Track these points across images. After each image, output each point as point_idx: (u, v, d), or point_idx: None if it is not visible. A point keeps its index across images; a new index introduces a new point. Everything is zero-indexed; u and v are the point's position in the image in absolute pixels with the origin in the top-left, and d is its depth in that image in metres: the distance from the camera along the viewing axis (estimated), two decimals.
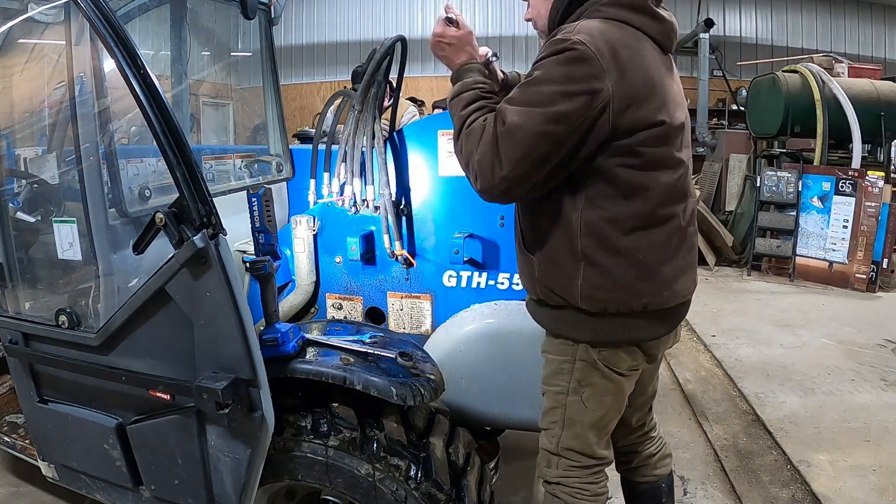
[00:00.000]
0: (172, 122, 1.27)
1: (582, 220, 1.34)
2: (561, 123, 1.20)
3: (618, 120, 1.23)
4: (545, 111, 1.20)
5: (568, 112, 1.20)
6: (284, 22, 7.85)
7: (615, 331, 1.42)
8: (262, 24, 2.42)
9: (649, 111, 1.27)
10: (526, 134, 1.22)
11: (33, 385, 1.72)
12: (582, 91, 1.19)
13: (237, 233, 2.02)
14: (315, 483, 1.58)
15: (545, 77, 1.23)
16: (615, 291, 1.36)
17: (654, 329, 1.46)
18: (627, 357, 1.47)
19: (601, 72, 1.20)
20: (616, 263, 1.34)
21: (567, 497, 1.57)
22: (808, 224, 5.83)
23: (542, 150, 1.23)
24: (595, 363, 1.47)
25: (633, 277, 1.35)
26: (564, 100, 1.20)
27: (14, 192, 1.82)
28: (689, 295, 1.48)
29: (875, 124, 5.99)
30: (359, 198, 1.90)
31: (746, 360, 3.85)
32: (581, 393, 1.50)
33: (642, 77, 1.26)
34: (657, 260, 1.36)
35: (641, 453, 1.80)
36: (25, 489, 2.44)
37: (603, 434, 1.58)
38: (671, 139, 1.34)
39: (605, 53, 1.21)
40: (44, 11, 1.61)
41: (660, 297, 1.39)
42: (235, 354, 1.37)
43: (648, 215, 1.33)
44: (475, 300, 1.91)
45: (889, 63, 9.43)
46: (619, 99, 1.22)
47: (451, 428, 1.73)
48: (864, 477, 2.57)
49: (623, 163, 1.29)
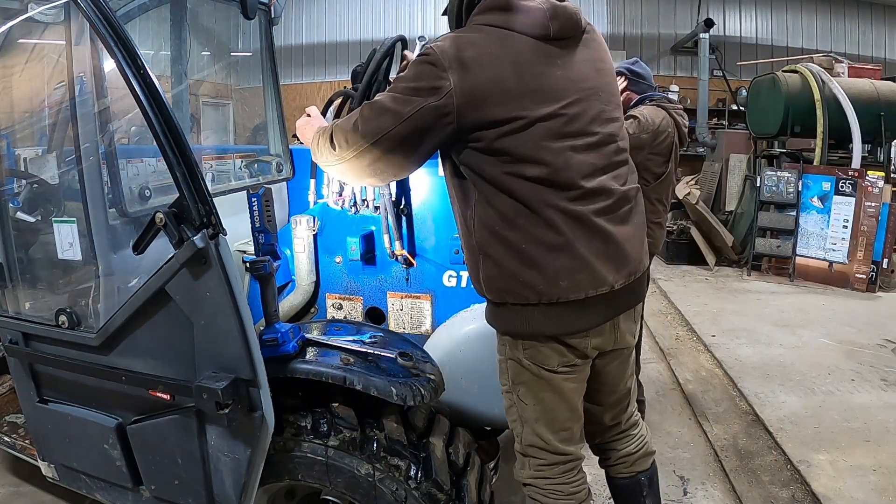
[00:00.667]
0: (172, 122, 1.27)
1: (475, 216, 1.43)
2: (406, 106, 1.34)
3: (465, 114, 1.33)
4: (395, 96, 1.37)
5: (412, 99, 1.34)
6: (284, 22, 7.85)
7: (519, 322, 1.45)
8: (262, 24, 2.42)
9: (496, 108, 1.33)
10: (380, 108, 1.37)
11: (33, 385, 1.72)
12: (426, 85, 1.34)
13: (237, 233, 2.02)
14: (315, 483, 1.58)
15: (403, 76, 1.41)
16: (507, 281, 1.41)
17: (565, 322, 1.43)
18: (553, 353, 1.48)
19: (444, 69, 1.32)
20: (504, 254, 1.40)
21: (541, 497, 1.59)
22: (808, 224, 5.83)
23: (389, 125, 1.35)
24: (520, 361, 1.51)
25: (516, 268, 1.39)
26: (412, 91, 1.35)
27: (14, 192, 1.82)
28: (602, 287, 1.41)
29: (875, 124, 5.99)
30: (359, 198, 1.90)
31: (746, 360, 3.85)
32: (517, 391, 1.55)
33: (488, 75, 1.33)
34: (542, 251, 1.37)
35: (619, 451, 1.79)
36: (25, 489, 2.44)
37: (556, 429, 1.57)
38: (533, 131, 1.34)
39: (449, 54, 1.33)
40: (44, 11, 1.61)
41: (555, 287, 1.38)
42: (235, 354, 1.37)
43: (520, 208, 1.37)
44: (475, 300, 1.91)
45: (889, 63, 9.43)
46: (462, 93, 1.32)
47: (451, 428, 1.73)
48: (864, 477, 2.57)
49: (488, 161, 1.37)
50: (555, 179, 1.36)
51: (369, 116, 1.38)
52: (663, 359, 4.02)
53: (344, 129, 1.43)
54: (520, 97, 1.34)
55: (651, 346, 4.20)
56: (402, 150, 1.39)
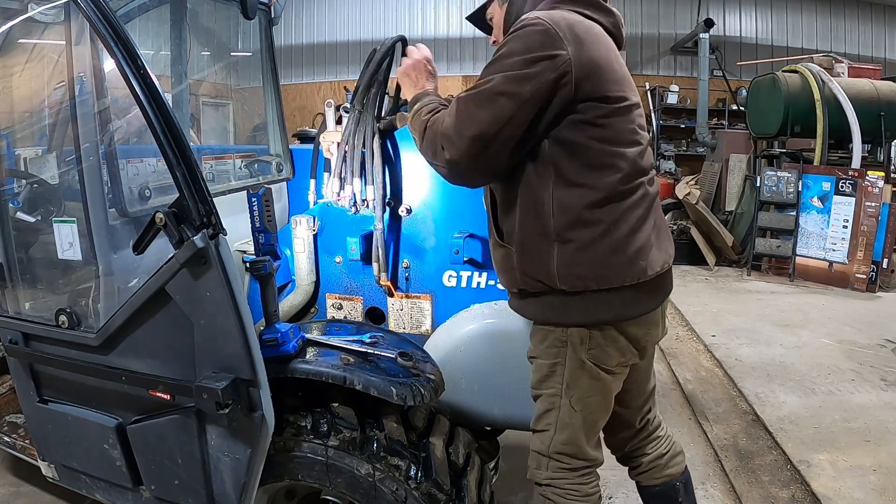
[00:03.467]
0: (172, 122, 1.27)
1: (554, 200, 1.36)
2: (524, 84, 1.26)
3: (581, 84, 1.29)
4: (508, 74, 1.27)
5: (530, 74, 1.26)
6: (284, 22, 7.86)
7: (600, 309, 1.42)
8: (262, 24, 2.42)
9: (612, 83, 1.34)
10: (491, 94, 1.27)
11: (33, 385, 1.72)
12: (542, 56, 1.26)
13: (237, 233, 2.02)
14: (315, 483, 1.58)
15: (507, 51, 1.30)
16: (591, 266, 1.37)
17: (639, 304, 1.45)
18: (616, 353, 1.47)
19: (559, 39, 1.27)
20: (588, 237, 1.36)
21: (557, 498, 1.57)
22: (808, 224, 5.83)
23: (507, 111, 1.27)
24: (583, 364, 1.47)
25: (605, 250, 1.37)
26: (526, 65, 1.26)
27: (14, 192, 1.82)
28: (666, 264, 1.48)
29: (875, 124, 5.99)
30: (359, 198, 1.90)
31: (746, 360, 3.85)
32: (570, 396, 1.51)
33: (600, 53, 1.32)
34: (627, 231, 1.38)
35: (650, 454, 1.78)
36: (25, 489, 2.44)
37: (592, 435, 1.57)
38: (631, 116, 1.40)
39: (562, 26, 1.28)
40: (44, 11, 1.60)
41: (636, 267, 1.40)
42: (235, 354, 1.37)
43: (617, 188, 1.36)
44: (475, 300, 1.91)
45: (889, 63, 9.44)
46: (579, 65, 1.28)
47: (451, 428, 1.73)
48: (864, 477, 2.57)
49: (593, 135, 1.33)
50: (641, 163, 1.41)
51: (479, 106, 1.28)
52: (663, 359, 4.02)
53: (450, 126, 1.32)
54: (622, 79, 1.38)
55: None
56: (521, 138, 1.31)
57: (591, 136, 1.33)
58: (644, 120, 1.49)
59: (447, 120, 1.35)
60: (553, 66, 1.26)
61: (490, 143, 1.29)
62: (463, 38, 10.47)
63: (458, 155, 1.32)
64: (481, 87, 1.30)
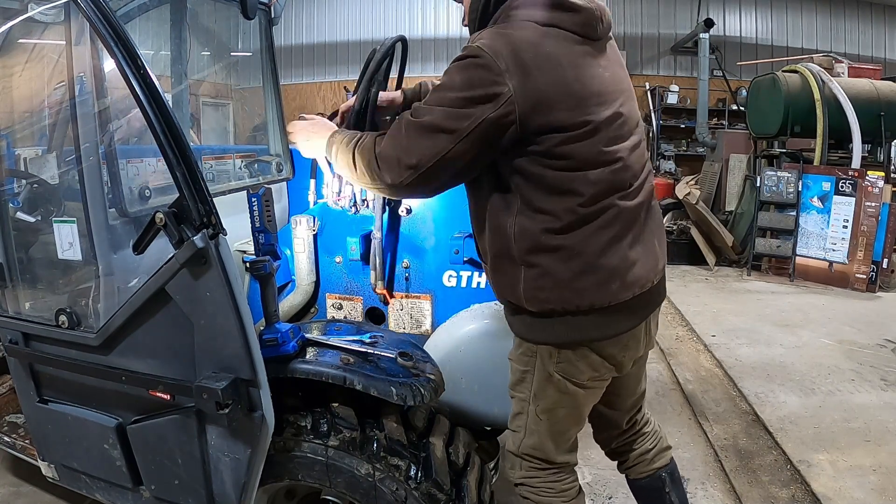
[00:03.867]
0: (172, 122, 1.27)
1: (516, 226, 1.34)
2: (462, 121, 1.23)
3: (528, 118, 1.24)
4: (447, 111, 1.25)
5: (469, 113, 1.23)
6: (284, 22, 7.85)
7: (567, 331, 1.39)
8: (262, 24, 2.42)
9: (564, 113, 1.26)
10: (431, 127, 1.26)
11: (33, 385, 1.72)
12: (481, 96, 1.22)
13: (237, 233, 2.02)
14: (315, 483, 1.58)
15: (448, 84, 1.28)
16: (555, 290, 1.35)
17: (612, 325, 1.41)
18: (587, 368, 1.45)
19: (500, 73, 1.21)
20: (553, 262, 1.33)
21: (533, 496, 1.60)
22: (808, 224, 5.83)
23: (445, 146, 1.25)
24: (550, 377, 1.46)
25: (572, 274, 1.33)
26: (466, 102, 1.24)
27: (14, 192, 1.82)
28: (648, 283, 1.41)
29: (875, 124, 5.98)
30: (359, 198, 1.90)
31: (746, 360, 3.85)
32: (536, 405, 1.52)
33: (552, 78, 1.24)
34: (597, 253, 1.33)
35: (636, 450, 1.80)
36: (25, 489, 2.44)
37: (562, 442, 1.58)
38: (597, 136, 1.30)
39: (504, 56, 1.22)
40: (44, 11, 1.60)
41: (607, 290, 1.35)
42: (235, 354, 1.37)
43: (580, 212, 1.31)
44: (475, 300, 1.91)
45: (889, 63, 9.44)
46: (524, 99, 1.22)
47: (451, 428, 1.73)
48: (864, 477, 2.57)
49: (549, 165, 1.29)
50: (613, 181, 1.33)
51: (420, 136, 1.27)
52: (663, 359, 4.02)
53: (390, 152, 1.31)
54: (585, 100, 1.28)
55: None
56: (463, 167, 1.30)
57: (546, 165, 1.29)
58: (629, 127, 1.39)
59: (386, 141, 1.33)
60: (493, 105, 1.22)
61: (429, 172, 1.29)
62: (463, 38, 10.45)
63: (398, 180, 1.31)
64: (422, 116, 1.28)
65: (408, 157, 1.29)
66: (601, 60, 1.36)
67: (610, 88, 1.35)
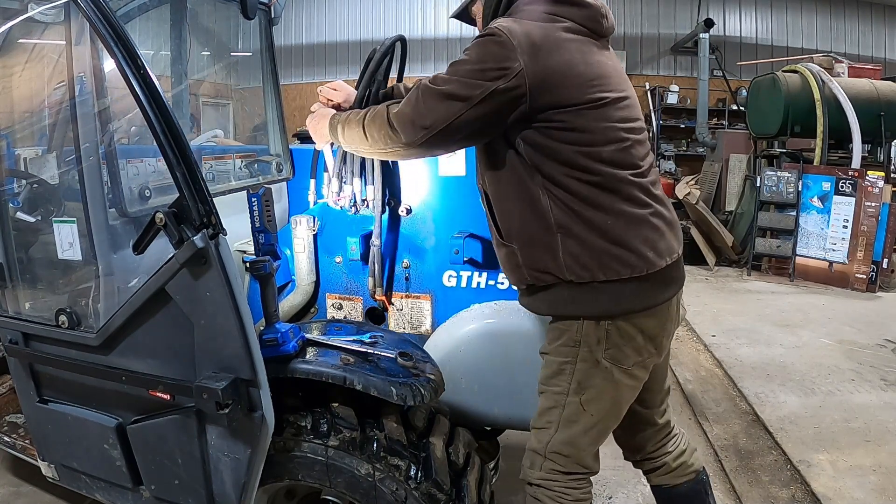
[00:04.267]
0: (172, 122, 1.27)
1: (548, 194, 1.41)
2: (474, 90, 1.33)
3: (537, 94, 1.32)
4: (461, 80, 1.35)
5: (481, 83, 1.32)
6: (284, 22, 7.85)
7: (610, 300, 1.42)
8: (262, 24, 2.42)
9: (572, 90, 1.34)
10: (445, 94, 1.35)
11: (33, 385, 1.72)
12: (494, 68, 1.32)
13: (237, 233, 2.02)
14: (315, 483, 1.58)
15: (466, 58, 1.37)
16: (595, 258, 1.40)
17: (650, 295, 1.45)
18: (633, 353, 1.46)
19: (512, 50, 1.31)
20: (588, 232, 1.39)
21: (546, 500, 1.56)
22: (808, 224, 5.83)
23: (456, 111, 1.34)
24: (598, 363, 1.46)
25: (608, 242, 1.39)
26: (478, 74, 1.33)
27: (14, 192, 1.82)
28: (674, 254, 1.48)
29: (875, 124, 5.99)
30: (359, 198, 1.90)
31: (746, 360, 3.85)
32: (581, 395, 1.49)
33: (561, 59, 1.34)
34: (623, 226, 1.40)
35: (673, 452, 1.76)
36: (25, 489, 2.44)
37: (597, 442, 1.56)
38: (606, 110, 1.38)
39: (518, 35, 1.32)
40: (44, 11, 1.60)
41: (643, 258, 1.40)
42: (235, 354, 1.37)
43: (603, 184, 1.38)
44: (475, 300, 1.91)
45: (889, 63, 9.44)
46: (533, 75, 1.31)
47: (451, 428, 1.73)
48: (864, 477, 2.57)
49: (563, 139, 1.36)
50: (625, 159, 1.40)
51: (435, 101, 1.36)
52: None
53: (407, 114, 1.40)
54: (592, 80, 1.37)
55: None
56: (473, 130, 1.39)
57: (561, 139, 1.36)
58: (637, 114, 1.49)
59: (403, 105, 1.42)
60: (505, 79, 1.31)
61: (441, 134, 1.37)
62: (463, 38, 10.47)
63: (412, 139, 1.40)
64: (439, 84, 1.37)
65: (422, 119, 1.37)
66: (606, 53, 1.47)
67: (617, 77, 1.45)
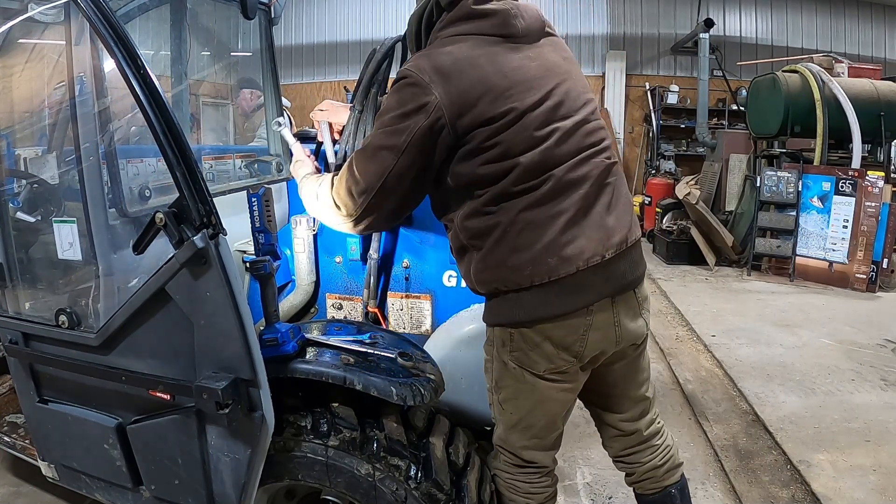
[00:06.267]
0: (172, 122, 1.27)
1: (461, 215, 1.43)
2: (399, 135, 1.34)
3: (458, 120, 1.33)
4: (385, 130, 1.37)
5: (404, 126, 1.34)
6: (284, 22, 7.85)
7: (513, 310, 1.43)
8: (262, 24, 2.43)
9: (486, 105, 1.33)
10: (373, 150, 1.37)
11: (33, 385, 1.72)
12: (413, 107, 1.33)
13: (237, 233, 2.02)
14: (315, 483, 1.58)
15: (385, 108, 1.40)
16: (496, 269, 1.40)
17: (556, 302, 1.38)
18: (541, 358, 1.44)
19: (425, 85, 1.33)
20: (491, 242, 1.40)
21: (502, 489, 1.66)
22: (808, 224, 5.83)
23: (388, 162, 1.35)
24: (506, 364, 1.50)
25: (507, 251, 1.38)
26: (401, 118, 1.35)
27: (14, 192, 1.82)
28: (595, 258, 1.37)
29: (875, 124, 5.98)
30: None
31: (746, 360, 3.85)
32: (498, 393, 1.56)
33: (471, 77, 1.33)
34: (528, 229, 1.36)
35: (644, 464, 1.73)
36: (25, 489, 2.44)
37: (528, 437, 1.58)
38: (525, 121, 1.36)
39: (427, 70, 1.34)
40: (44, 11, 1.61)
41: (543, 265, 1.35)
42: (235, 354, 1.37)
43: (511, 190, 1.37)
44: (475, 300, 1.91)
45: (889, 63, 9.43)
46: (450, 102, 1.32)
47: (451, 428, 1.73)
48: (864, 477, 2.57)
49: (483, 159, 1.36)
50: (546, 160, 1.37)
51: (366, 162, 1.38)
52: (663, 359, 4.02)
53: (343, 186, 1.42)
54: (507, 90, 1.35)
55: (651, 346, 4.19)
56: (412, 180, 1.39)
57: (482, 161, 1.36)
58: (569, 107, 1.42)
59: (339, 177, 1.45)
60: (425, 114, 1.32)
61: (380, 193, 1.38)
62: None
63: (353, 209, 1.42)
64: (366, 143, 1.40)
65: (358, 185, 1.40)
66: (528, 53, 1.43)
67: (538, 75, 1.41)
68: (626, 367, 1.62)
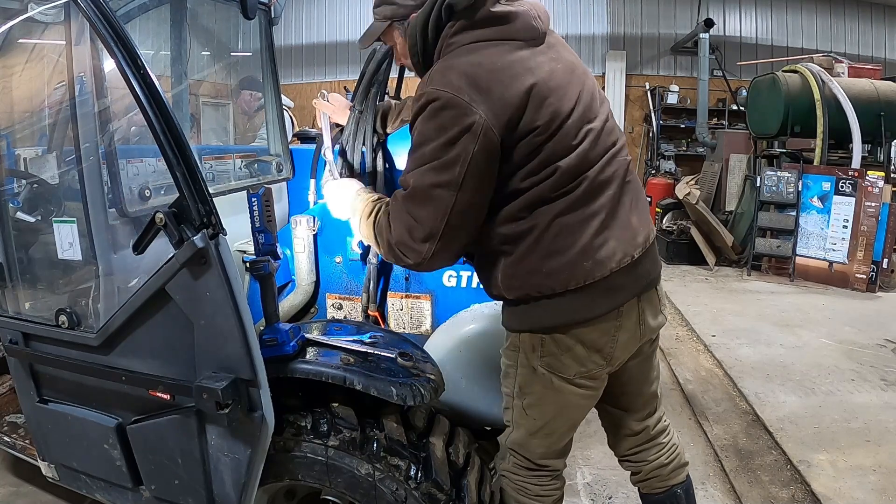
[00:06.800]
0: (172, 122, 1.27)
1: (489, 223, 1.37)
2: (452, 168, 1.23)
3: (506, 135, 1.25)
4: (433, 165, 1.25)
5: (455, 156, 1.23)
6: (284, 22, 7.85)
7: (546, 316, 1.39)
8: (262, 24, 2.42)
9: (532, 115, 1.27)
10: (427, 190, 1.26)
11: (33, 385, 1.72)
12: (457, 132, 1.22)
13: (237, 233, 2.02)
14: (315, 483, 1.58)
15: (421, 138, 1.28)
16: (529, 276, 1.36)
17: (590, 306, 1.38)
18: (573, 362, 1.43)
19: (464, 105, 1.22)
20: (523, 248, 1.35)
21: (511, 491, 1.64)
22: (808, 224, 5.83)
23: (447, 200, 1.25)
24: (535, 370, 1.46)
25: (541, 257, 1.34)
26: (447, 148, 1.23)
27: (14, 192, 1.82)
28: (626, 258, 1.37)
29: (875, 124, 5.98)
30: None
31: (746, 360, 3.85)
32: (522, 399, 1.52)
33: (516, 88, 1.26)
34: (563, 233, 1.33)
35: (651, 462, 1.73)
36: (25, 489, 2.43)
37: (547, 443, 1.57)
38: (565, 128, 1.32)
39: (462, 87, 1.23)
40: (44, 11, 1.60)
41: (579, 268, 1.33)
42: (235, 354, 1.37)
43: (546, 195, 1.32)
44: (475, 300, 1.91)
45: (889, 63, 9.42)
46: (495, 119, 1.23)
47: (451, 428, 1.73)
48: (864, 477, 2.57)
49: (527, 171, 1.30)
50: (580, 164, 1.33)
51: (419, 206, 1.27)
52: (663, 359, 4.02)
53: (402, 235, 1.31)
54: (546, 97, 1.29)
55: None
56: (476, 212, 1.31)
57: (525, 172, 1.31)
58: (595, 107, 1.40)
59: (393, 226, 1.34)
60: (472, 136, 1.22)
61: (447, 234, 1.29)
62: None
63: (420, 257, 1.32)
64: (412, 183, 1.28)
65: (418, 232, 1.29)
66: (551, 55, 1.38)
67: (567, 79, 1.36)
68: (642, 364, 1.63)
